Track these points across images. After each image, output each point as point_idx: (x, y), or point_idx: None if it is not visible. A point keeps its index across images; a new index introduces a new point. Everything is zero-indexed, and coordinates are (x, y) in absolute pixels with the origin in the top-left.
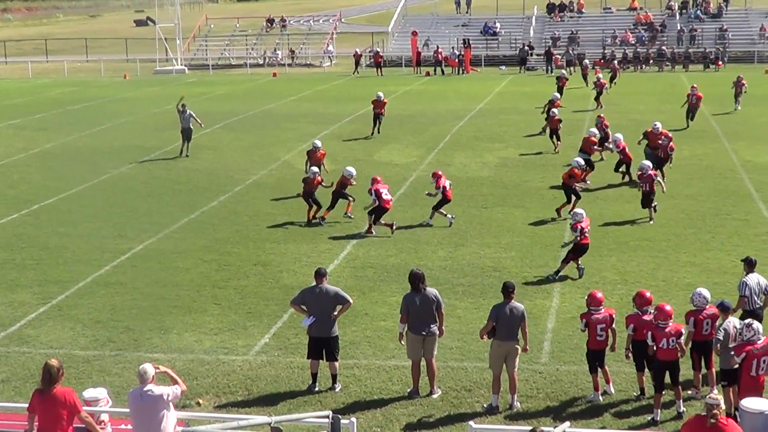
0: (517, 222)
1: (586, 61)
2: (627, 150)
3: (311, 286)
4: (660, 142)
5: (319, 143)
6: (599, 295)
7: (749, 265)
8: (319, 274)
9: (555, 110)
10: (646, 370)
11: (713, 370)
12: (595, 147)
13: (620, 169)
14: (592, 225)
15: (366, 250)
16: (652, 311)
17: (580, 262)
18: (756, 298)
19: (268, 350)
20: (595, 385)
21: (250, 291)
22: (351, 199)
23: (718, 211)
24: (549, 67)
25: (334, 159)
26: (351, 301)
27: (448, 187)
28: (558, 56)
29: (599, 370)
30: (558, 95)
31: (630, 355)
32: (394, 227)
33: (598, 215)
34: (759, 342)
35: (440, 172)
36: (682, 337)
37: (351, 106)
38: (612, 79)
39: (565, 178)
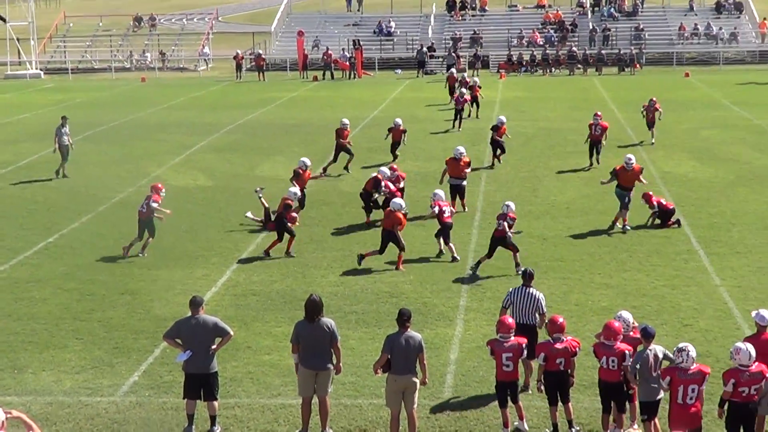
0: (416, 242)
1: (453, 70)
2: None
3: (186, 316)
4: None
5: (308, 162)
6: (509, 320)
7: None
8: (195, 303)
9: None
10: (560, 404)
11: (635, 402)
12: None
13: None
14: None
15: (247, 276)
16: (565, 338)
17: (475, 263)
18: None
19: (138, 390)
20: (504, 421)
21: (117, 323)
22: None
23: (635, 227)
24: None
25: (211, 174)
26: (231, 332)
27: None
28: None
29: (509, 404)
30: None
31: (542, 387)
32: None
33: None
34: (690, 368)
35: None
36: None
37: (230, 114)
38: (474, 102)
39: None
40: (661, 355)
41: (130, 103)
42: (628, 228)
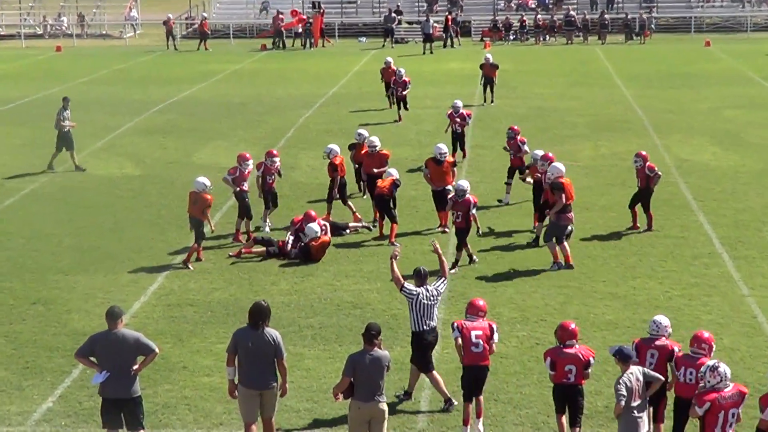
0: (384, 243)
1: (390, 60)
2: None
3: (102, 331)
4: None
5: (337, 148)
6: (480, 302)
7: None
8: (112, 316)
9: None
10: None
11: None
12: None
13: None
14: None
15: (183, 283)
16: (577, 345)
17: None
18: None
19: (53, 418)
20: (465, 418)
21: (27, 339)
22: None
23: (645, 226)
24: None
25: (140, 161)
26: (156, 350)
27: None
28: (436, 25)
29: (473, 399)
30: None
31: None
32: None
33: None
34: (726, 390)
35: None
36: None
37: (163, 90)
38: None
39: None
40: (641, 378)
41: (42, 77)
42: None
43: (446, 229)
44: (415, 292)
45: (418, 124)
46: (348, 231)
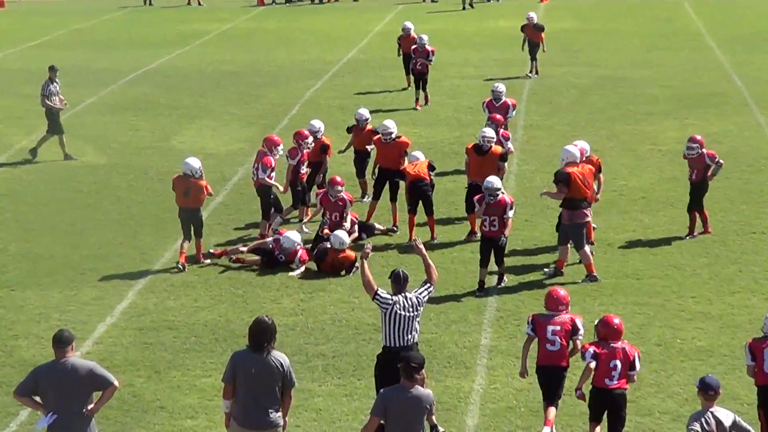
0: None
1: (410, 26)
2: None
3: (48, 362)
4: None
5: (366, 113)
6: (561, 292)
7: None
8: (61, 342)
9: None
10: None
11: None
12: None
13: None
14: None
15: (160, 300)
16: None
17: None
18: None
19: None
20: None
21: None
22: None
23: (747, 227)
24: None
25: (105, 146)
26: (115, 383)
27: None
28: None
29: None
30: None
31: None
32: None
33: (551, 236)
34: None
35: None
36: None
37: (134, 56)
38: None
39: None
40: (728, 423)
41: None
42: None
43: (476, 234)
44: (390, 301)
45: (456, 98)
46: (376, 232)
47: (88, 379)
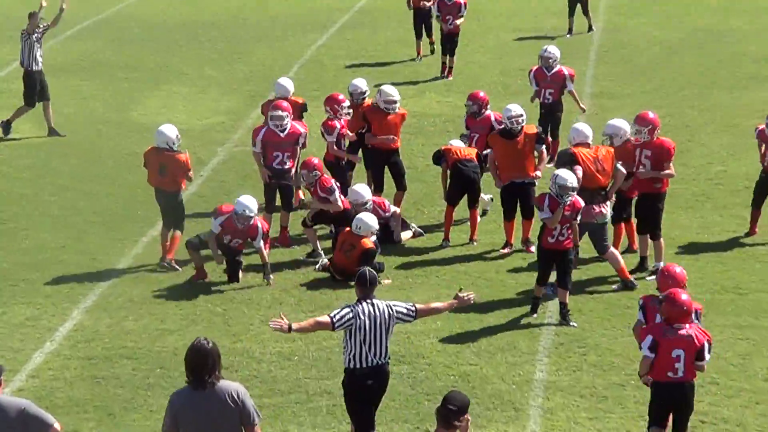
0: (448, 250)
1: None
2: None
3: None
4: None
5: (363, 85)
6: (677, 269)
7: None
8: None
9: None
10: None
11: None
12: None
13: None
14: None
15: (116, 321)
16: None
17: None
18: None
19: None
20: None
21: None
22: None
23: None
24: None
25: (42, 118)
26: (55, 425)
27: None
28: None
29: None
30: None
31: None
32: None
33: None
34: None
35: None
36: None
37: (82, 3)
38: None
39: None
40: None
41: None
42: None
43: (512, 246)
44: (350, 314)
45: (503, 57)
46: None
47: (20, 421)
